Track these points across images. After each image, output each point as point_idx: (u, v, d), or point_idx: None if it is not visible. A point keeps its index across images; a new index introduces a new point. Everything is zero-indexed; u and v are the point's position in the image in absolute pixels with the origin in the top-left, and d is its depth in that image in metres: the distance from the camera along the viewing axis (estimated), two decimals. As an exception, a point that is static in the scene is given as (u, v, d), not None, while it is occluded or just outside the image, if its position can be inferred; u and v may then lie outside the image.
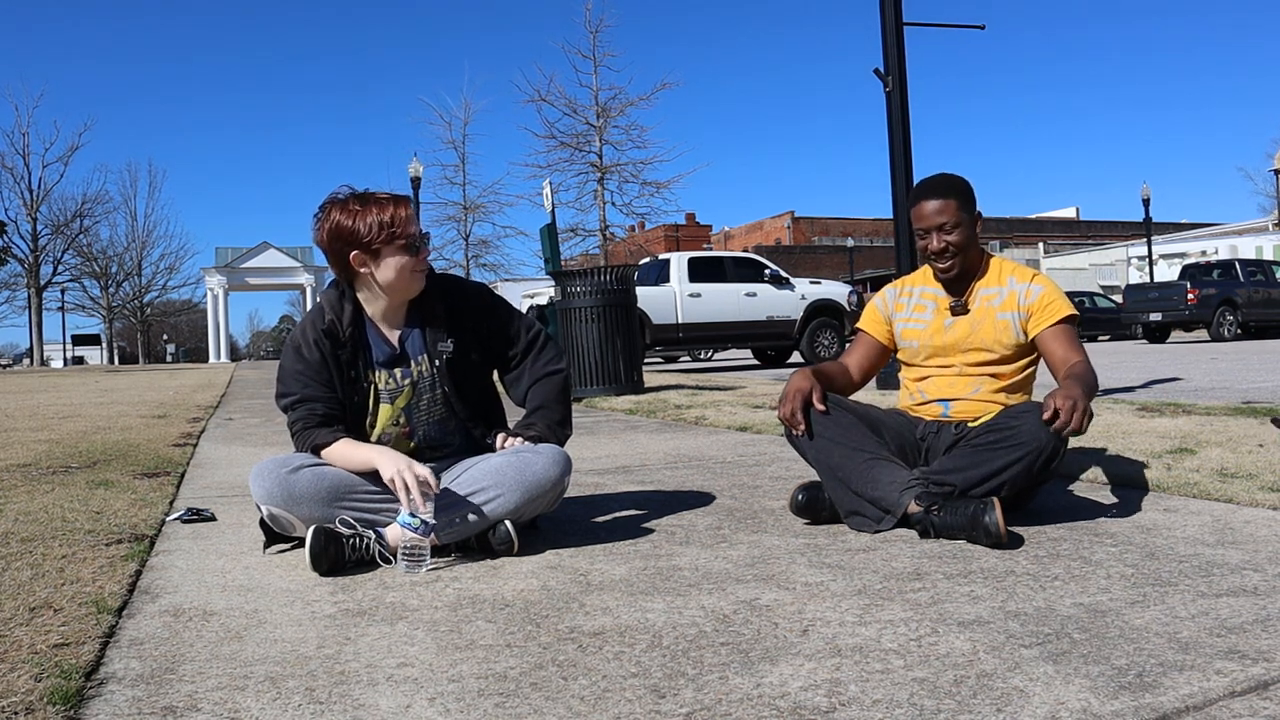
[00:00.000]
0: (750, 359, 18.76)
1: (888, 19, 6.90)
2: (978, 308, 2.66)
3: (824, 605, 1.80)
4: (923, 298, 2.76)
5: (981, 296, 2.67)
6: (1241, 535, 2.24)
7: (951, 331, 2.67)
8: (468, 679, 1.48)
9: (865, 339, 2.83)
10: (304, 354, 2.36)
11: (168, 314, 62.63)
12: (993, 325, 2.62)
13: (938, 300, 2.72)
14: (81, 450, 4.91)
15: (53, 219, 44.74)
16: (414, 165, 22.79)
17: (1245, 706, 1.27)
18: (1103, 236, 58.36)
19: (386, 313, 2.41)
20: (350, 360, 2.37)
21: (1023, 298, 2.62)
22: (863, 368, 2.80)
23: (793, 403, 2.51)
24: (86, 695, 1.46)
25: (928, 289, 2.76)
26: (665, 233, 58.02)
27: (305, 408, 2.34)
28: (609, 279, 7.79)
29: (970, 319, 2.65)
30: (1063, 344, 2.57)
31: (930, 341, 2.69)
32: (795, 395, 2.53)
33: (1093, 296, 28.43)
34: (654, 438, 4.92)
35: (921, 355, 2.70)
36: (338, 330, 2.36)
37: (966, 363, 2.64)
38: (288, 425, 2.38)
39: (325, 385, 2.35)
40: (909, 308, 2.77)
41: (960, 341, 2.65)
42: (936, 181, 2.65)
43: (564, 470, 2.36)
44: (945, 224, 2.58)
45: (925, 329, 2.71)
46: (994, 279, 2.68)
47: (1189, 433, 3.83)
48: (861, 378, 2.79)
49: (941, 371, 2.67)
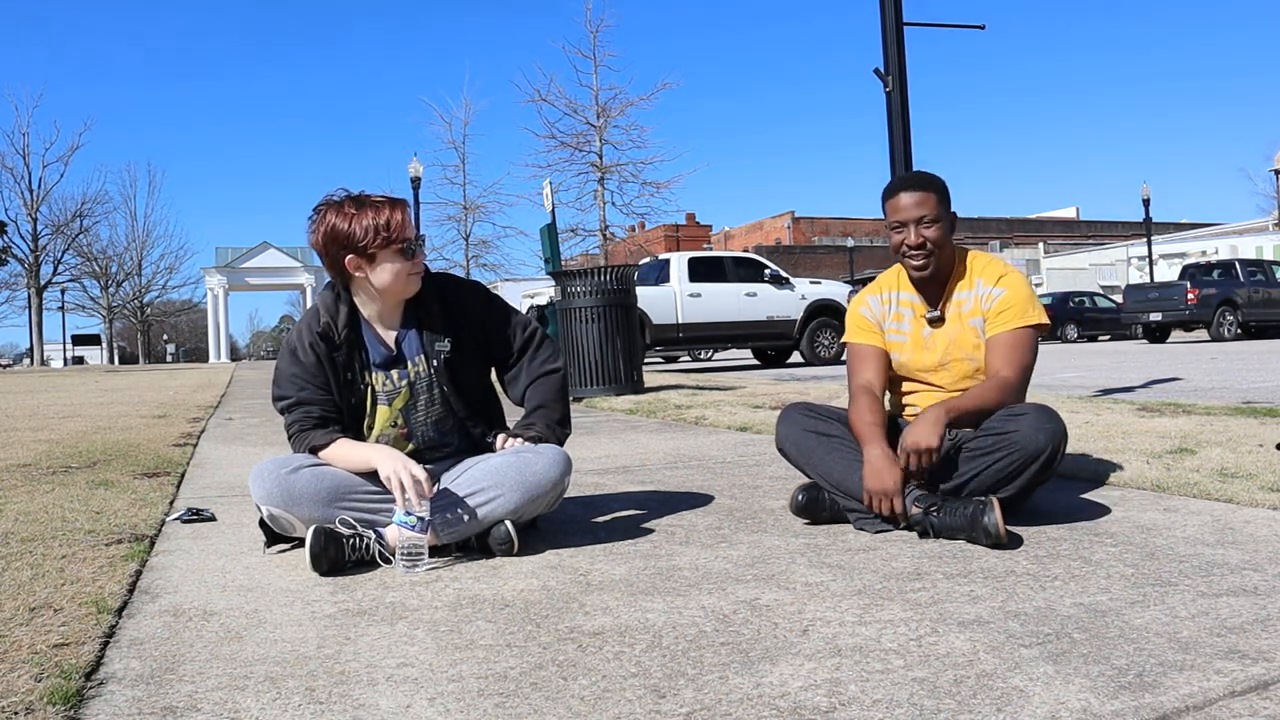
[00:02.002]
0: (750, 359, 18.76)
1: (888, 19, 6.90)
2: (952, 315, 2.56)
3: (824, 605, 1.80)
4: (900, 305, 2.63)
5: (955, 302, 2.56)
6: (1241, 535, 2.24)
7: (931, 348, 2.56)
8: (468, 679, 1.48)
9: (870, 353, 2.62)
10: (299, 357, 2.36)
11: (168, 314, 62.67)
12: (968, 332, 2.53)
13: (914, 308, 2.60)
14: (81, 450, 4.91)
15: (53, 219, 44.85)
16: (414, 165, 22.80)
17: (1245, 706, 1.27)
18: (1103, 236, 58.38)
19: (383, 314, 2.41)
20: (346, 363, 2.37)
21: (984, 301, 2.52)
22: (884, 386, 2.61)
23: (890, 499, 2.31)
24: (86, 695, 1.46)
25: (903, 294, 2.63)
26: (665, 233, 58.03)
27: (301, 410, 2.34)
28: (609, 279, 7.78)
29: (947, 331, 2.55)
30: (998, 355, 2.47)
31: (911, 359, 2.59)
32: (894, 494, 2.31)
33: (1093, 296, 28.42)
34: (654, 438, 4.92)
35: (906, 370, 2.61)
36: (333, 333, 2.36)
37: (955, 376, 2.55)
38: (285, 428, 2.38)
39: (321, 388, 2.35)
40: (890, 316, 2.63)
41: (943, 357, 2.55)
42: (915, 175, 2.55)
43: (564, 470, 2.36)
44: (924, 217, 2.47)
45: (906, 341, 2.60)
46: (967, 281, 2.57)
47: (1189, 433, 3.83)
48: (884, 396, 2.60)
49: (930, 389, 2.58)
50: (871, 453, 2.36)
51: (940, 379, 2.58)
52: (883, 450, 2.35)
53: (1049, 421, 2.31)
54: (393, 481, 2.15)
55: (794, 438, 2.57)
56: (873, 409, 2.48)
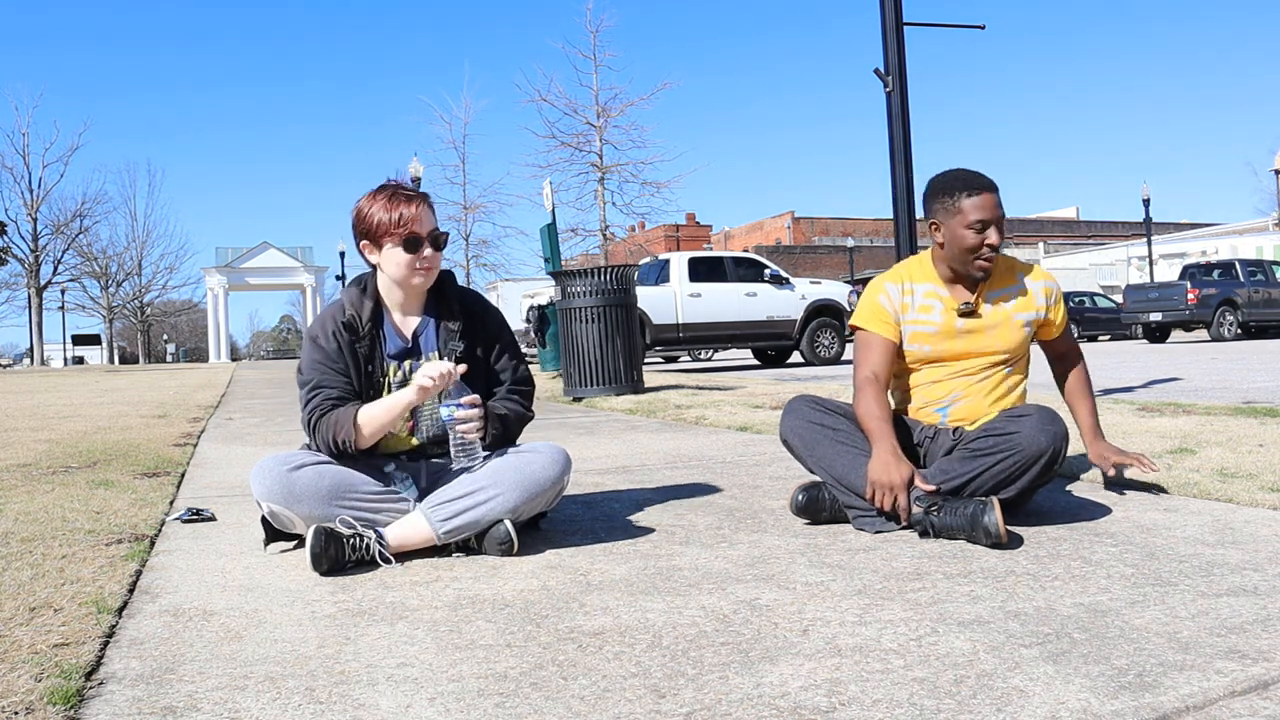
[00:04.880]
0: (750, 359, 18.75)
1: (888, 19, 6.89)
2: (991, 310, 2.57)
3: (824, 605, 1.80)
4: (926, 297, 2.60)
5: (992, 298, 2.58)
6: (1242, 535, 2.24)
7: (964, 336, 2.57)
8: (468, 679, 1.48)
9: (880, 343, 2.59)
10: (320, 344, 2.42)
11: (168, 314, 62.68)
12: (1010, 328, 2.57)
13: (944, 300, 2.59)
14: (82, 450, 4.91)
15: (53, 219, 44.82)
16: (414, 165, 22.82)
17: (1245, 706, 1.27)
18: (1103, 236, 58.38)
19: (404, 303, 2.48)
20: (368, 354, 2.42)
21: (1039, 297, 2.60)
22: (889, 379, 2.60)
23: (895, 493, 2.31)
24: (86, 695, 1.46)
25: (929, 286, 2.60)
26: (665, 233, 58.05)
27: (321, 394, 2.38)
28: (609, 279, 7.78)
29: (984, 322, 2.57)
30: (1065, 342, 2.75)
31: (940, 346, 2.58)
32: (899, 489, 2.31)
33: (1093, 296, 28.42)
34: (654, 438, 4.92)
35: (927, 359, 2.60)
36: (358, 325, 2.42)
37: (972, 368, 2.57)
38: (305, 415, 2.38)
39: (340, 372, 2.40)
40: (914, 308, 2.60)
41: (973, 347, 2.57)
42: (984, 175, 2.53)
43: (563, 469, 2.37)
44: (1001, 217, 2.51)
45: (936, 332, 2.58)
46: (1003, 278, 2.60)
47: (1189, 433, 3.83)
48: (887, 388, 2.59)
49: (940, 375, 2.60)
50: (882, 447, 2.37)
51: (956, 364, 2.59)
52: (892, 446, 2.37)
53: (1051, 423, 2.31)
54: (436, 383, 2.25)
55: (799, 430, 2.56)
56: (880, 402, 2.49)
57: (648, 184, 21.21)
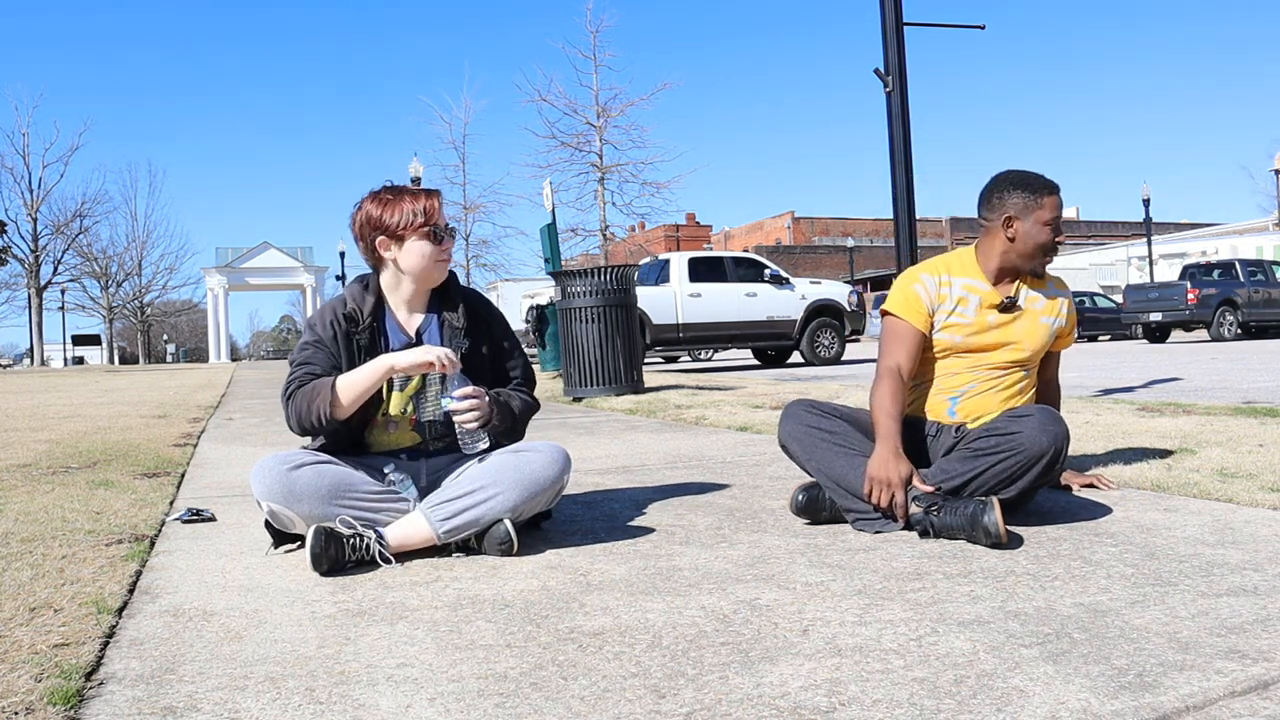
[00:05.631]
0: (750, 359, 18.75)
1: (888, 19, 6.89)
2: (1025, 309, 2.61)
3: (824, 605, 1.80)
4: (964, 290, 2.59)
5: (1027, 297, 2.62)
6: (1242, 535, 2.24)
7: (996, 331, 2.58)
8: (468, 679, 1.48)
9: (911, 333, 2.56)
10: (316, 330, 2.45)
11: (168, 314, 62.69)
12: (1037, 330, 2.61)
13: (982, 296, 2.59)
14: (82, 450, 4.91)
15: (53, 219, 44.82)
16: (414, 165, 22.85)
17: (1245, 706, 1.27)
18: (1103, 236, 58.36)
19: (409, 300, 2.50)
20: (368, 347, 2.44)
21: (1063, 307, 2.67)
22: (913, 373, 2.59)
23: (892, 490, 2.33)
24: (86, 695, 1.46)
25: (969, 281, 2.60)
26: (665, 233, 58.05)
27: (304, 369, 2.40)
28: (609, 279, 7.78)
29: (1017, 320, 2.60)
30: (1055, 360, 2.83)
31: (969, 340, 2.58)
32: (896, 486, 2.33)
33: (1093, 296, 28.41)
34: (654, 438, 4.92)
35: (956, 349, 2.59)
36: (359, 317, 2.44)
37: (993, 363, 2.59)
38: (283, 389, 2.40)
39: (330, 355, 2.42)
40: (951, 300, 2.58)
41: (1001, 339, 2.58)
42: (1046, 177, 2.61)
43: (563, 469, 2.37)
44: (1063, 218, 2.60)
45: (969, 325, 2.58)
46: (1039, 282, 2.65)
47: (1189, 433, 3.83)
48: (909, 382, 2.58)
49: (959, 366, 2.60)
50: (885, 445, 2.39)
51: (978, 358, 2.60)
52: (895, 446, 2.38)
53: (1053, 424, 2.31)
54: (437, 360, 2.27)
55: (797, 434, 2.57)
56: (895, 399, 2.48)
57: (648, 184, 21.25)
